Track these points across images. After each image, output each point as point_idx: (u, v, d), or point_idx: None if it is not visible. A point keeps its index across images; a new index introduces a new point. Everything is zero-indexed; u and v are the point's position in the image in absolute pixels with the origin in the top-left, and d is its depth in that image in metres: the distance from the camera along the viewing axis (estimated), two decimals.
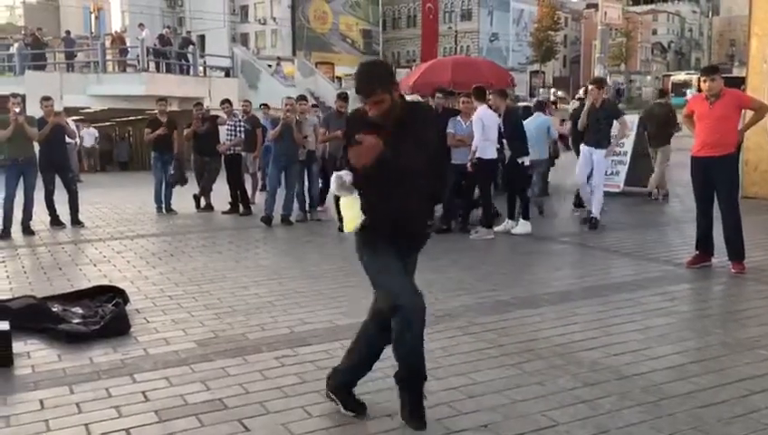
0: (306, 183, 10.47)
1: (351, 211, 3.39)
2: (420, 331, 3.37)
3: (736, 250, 6.61)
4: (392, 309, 3.35)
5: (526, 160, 8.92)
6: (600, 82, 9.67)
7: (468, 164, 8.64)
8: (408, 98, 12.45)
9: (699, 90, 7.33)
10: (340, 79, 36.48)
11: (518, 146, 8.85)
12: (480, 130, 8.52)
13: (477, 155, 8.57)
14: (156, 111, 12.10)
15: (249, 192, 11.89)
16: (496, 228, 8.86)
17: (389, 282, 3.44)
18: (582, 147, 9.27)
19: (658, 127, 11.61)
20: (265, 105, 13.85)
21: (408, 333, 3.33)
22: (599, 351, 4.50)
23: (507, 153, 8.86)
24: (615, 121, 9.34)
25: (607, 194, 9.91)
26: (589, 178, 9.12)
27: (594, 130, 9.07)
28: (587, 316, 5.32)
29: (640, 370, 4.14)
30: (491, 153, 8.64)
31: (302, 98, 11.23)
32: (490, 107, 8.89)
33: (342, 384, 3.65)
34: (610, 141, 9.27)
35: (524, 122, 9.63)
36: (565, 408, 3.61)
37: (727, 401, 3.68)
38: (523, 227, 8.85)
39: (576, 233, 8.87)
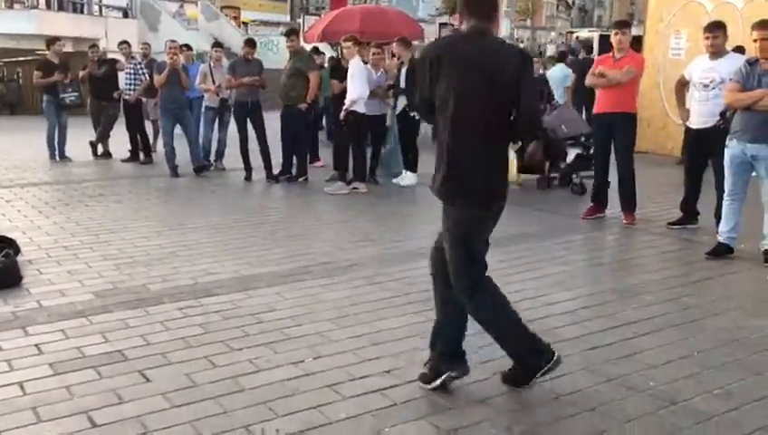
0: (216, 131, 10.16)
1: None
2: None
3: (629, 202, 6.96)
4: None
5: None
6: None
7: (342, 115, 8.56)
8: (308, 47, 11.91)
9: (601, 52, 7.51)
10: (246, 24, 35.31)
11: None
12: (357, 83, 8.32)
13: (352, 108, 8.39)
14: (47, 53, 11.36)
15: (150, 139, 11.42)
16: (395, 180, 8.92)
17: None
18: None
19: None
20: (187, 46, 11.72)
21: None
22: None
23: (400, 105, 8.77)
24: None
25: None
26: None
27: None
28: (489, 265, 5.47)
29: (536, 315, 4.33)
30: (362, 107, 8.40)
31: (217, 45, 10.80)
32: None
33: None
34: None
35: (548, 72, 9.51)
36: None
37: (615, 343, 3.92)
38: (408, 179, 8.87)
39: None
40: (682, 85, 6.66)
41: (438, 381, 3.29)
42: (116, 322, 4.14)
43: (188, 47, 11.06)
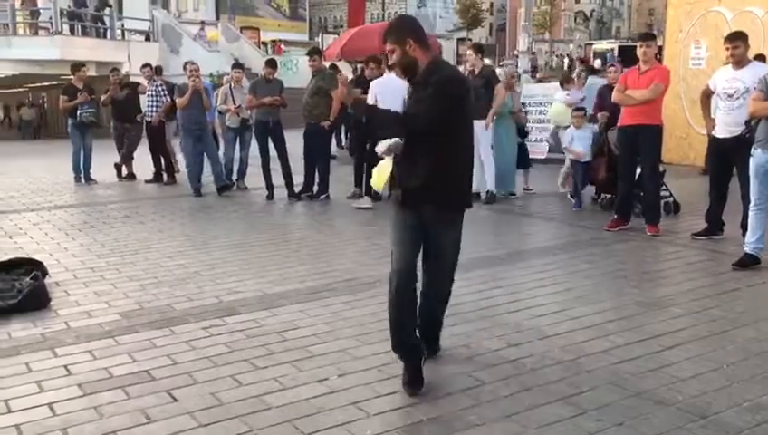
0: (237, 151, 10.26)
1: (383, 173, 3.63)
2: (392, 302, 3.55)
3: (653, 214, 6.91)
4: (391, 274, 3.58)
5: None
6: (478, 48, 9.18)
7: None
8: (326, 64, 11.84)
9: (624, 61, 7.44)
10: (265, 44, 35.69)
11: None
12: (372, 101, 8.18)
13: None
14: (72, 77, 11.57)
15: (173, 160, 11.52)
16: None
17: (394, 249, 3.58)
18: None
19: None
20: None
21: (390, 300, 3.56)
22: (522, 313, 4.64)
23: None
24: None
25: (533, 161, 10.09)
26: None
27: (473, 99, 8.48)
28: (511, 280, 5.47)
29: (561, 329, 4.31)
30: None
31: (237, 65, 10.91)
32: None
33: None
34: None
35: None
36: (490, 368, 3.73)
37: (642, 357, 3.87)
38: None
39: (502, 199, 9.03)
40: (707, 96, 6.62)
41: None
42: (142, 342, 4.18)
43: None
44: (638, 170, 7.09)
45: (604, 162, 8.03)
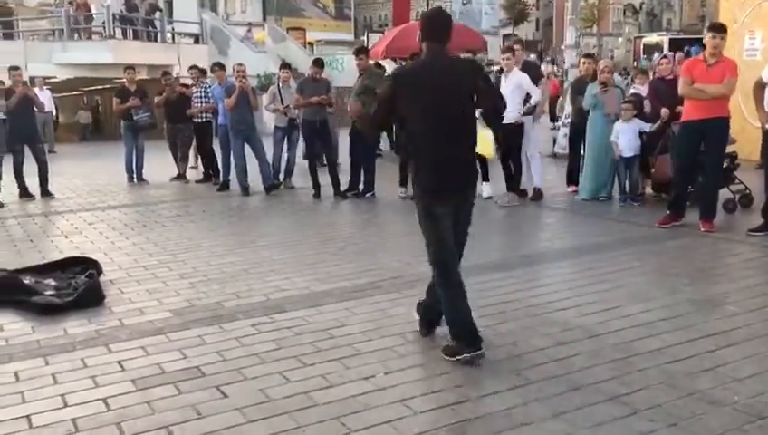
0: (285, 150, 10.35)
1: (487, 140, 4.23)
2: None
3: (709, 209, 6.71)
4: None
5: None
6: (521, 43, 9.06)
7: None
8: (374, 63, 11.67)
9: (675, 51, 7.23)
10: (311, 45, 35.91)
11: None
12: (520, 94, 8.19)
13: (516, 119, 8.14)
14: (124, 80, 11.85)
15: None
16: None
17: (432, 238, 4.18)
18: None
19: None
20: (219, 65, 11.40)
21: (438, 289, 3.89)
22: (571, 311, 4.57)
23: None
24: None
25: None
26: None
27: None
28: (560, 277, 5.40)
29: (611, 328, 4.23)
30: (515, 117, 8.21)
31: (284, 66, 11.01)
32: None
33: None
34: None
35: None
36: (538, 366, 3.68)
37: (695, 356, 3.78)
38: (486, 190, 8.68)
39: (550, 197, 8.92)
40: (760, 87, 6.42)
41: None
42: (193, 338, 4.26)
43: (220, 66, 10.95)
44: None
45: (668, 160, 7.61)
